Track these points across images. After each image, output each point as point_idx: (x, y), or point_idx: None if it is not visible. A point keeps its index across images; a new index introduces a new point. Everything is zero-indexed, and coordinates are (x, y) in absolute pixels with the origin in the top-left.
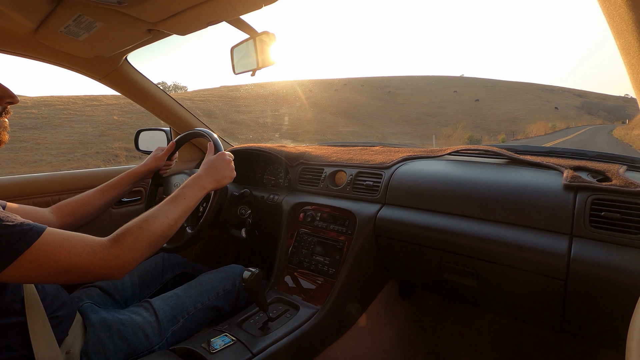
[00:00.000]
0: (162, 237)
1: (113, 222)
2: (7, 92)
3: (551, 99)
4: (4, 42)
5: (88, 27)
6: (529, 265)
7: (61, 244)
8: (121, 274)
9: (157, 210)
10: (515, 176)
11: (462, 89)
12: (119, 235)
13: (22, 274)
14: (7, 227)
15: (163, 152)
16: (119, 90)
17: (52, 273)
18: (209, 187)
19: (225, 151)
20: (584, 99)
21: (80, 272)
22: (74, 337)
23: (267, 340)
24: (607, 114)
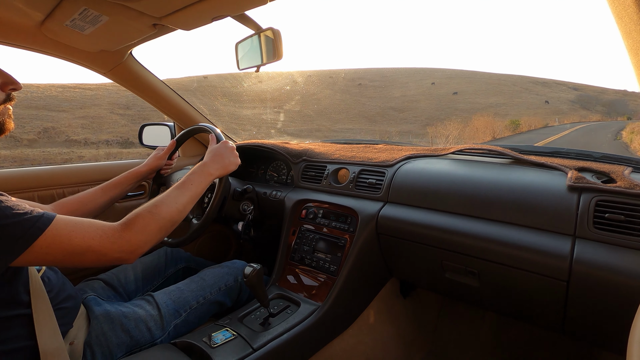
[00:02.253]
0: (171, 222)
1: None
2: (9, 78)
3: (542, 92)
4: (11, 35)
5: (93, 21)
6: (531, 266)
7: (74, 228)
8: (133, 257)
9: (166, 195)
10: (519, 176)
11: (442, 81)
12: (129, 220)
13: (38, 258)
14: (20, 214)
15: (164, 152)
16: (123, 84)
17: (67, 255)
18: (215, 173)
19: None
20: (580, 92)
21: (94, 255)
22: (77, 328)
23: (268, 335)
24: (606, 109)
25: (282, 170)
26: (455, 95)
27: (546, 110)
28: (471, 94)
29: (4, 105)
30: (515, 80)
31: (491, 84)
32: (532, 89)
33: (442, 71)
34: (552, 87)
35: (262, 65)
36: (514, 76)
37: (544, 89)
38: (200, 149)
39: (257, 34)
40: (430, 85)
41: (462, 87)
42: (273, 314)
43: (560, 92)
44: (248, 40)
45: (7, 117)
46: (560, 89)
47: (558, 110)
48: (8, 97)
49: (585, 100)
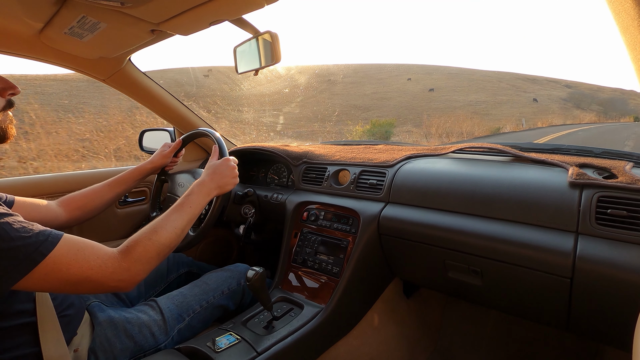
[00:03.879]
0: (170, 247)
1: (119, 222)
2: (8, 83)
3: (531, 89)
4: (9, 44)
5: (92, 28)
6: (534, 264)
7: (75, 257)
8: (130, 286)
9: (165, 220)
10: (520, 174)
11: (420, 77)
12: (129, 247)
13: (35, 284)
14: (24, 238)
15: (169, 150)
16: (123, 90)
17: (64, 284)
18: (213, 193)
19: (229, 156)
20: (573, 90)
21: (90, 284)
22: (81, 335)
23: (272, 339)
24: (602, 108)
25: (283, 172)
26: (432, 92)
27: (533, 109)
28: (449, 90)
29: (5, 112)
30: (503, 76)
31: (474, 80)
32: (520, 86)
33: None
34: (543, 84)
35: (261, 69)
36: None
37: (534, 86)
38: (200, 154)
39: (255, 38)
40: (406, 81)
41: (441, 83)
42: (276, 317)
43: (552, 90)
44: (246, 44)
45: (8, 123)
46: (551, 86)
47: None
48: (8, 102)
49: (579, 99)
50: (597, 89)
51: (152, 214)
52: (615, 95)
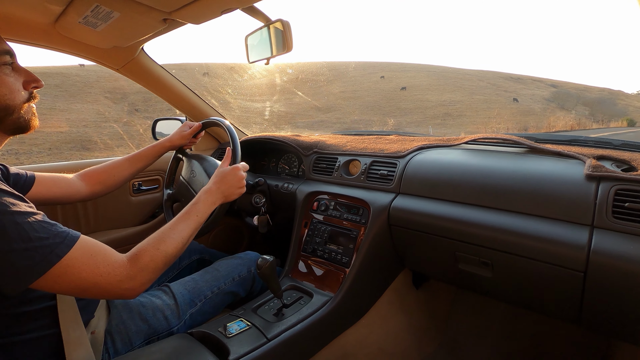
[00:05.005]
0: (175, 256)
1: (132, 209)
2: (31, 76)
3: (513, 88)
4: (26, 34)
5: (105, 17)
6: (546, 257)
7: (87, 261)
8: (134, 295)
9: (172, 229)
10: (535, 165)
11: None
12: (137, 255)
13: (47, 285)
14: (41, 239)
15: (189, 131)
16: (136, 80)
17: (74, 288)
18: (218, 202)
19: (239, 163)
20: (558, 90)
21: (98, 290)
22: (98, 318)
23: (282, 326)
24: (589, 109)
25: (294, 162)
26: (403, 91)
27: (512, 109)
28: (423, 89)
29: (28, 104)
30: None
31: (452, 78)
32: (502, 85)
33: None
34: (527, 83)
35: (272, 57)
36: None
37: (517, 86)
38: (212, 143)
39: (267, 26)
40: (379, 79)
41: (416, 82)
42: (286, 304)
43: (536, 89)
44: (257, 33)
45: (31, 115)
46: (536, 86)
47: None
48: (31, 95)
49: (564, 98)
50: (583, 88)
51: (167, 190)
52: (603, 95)
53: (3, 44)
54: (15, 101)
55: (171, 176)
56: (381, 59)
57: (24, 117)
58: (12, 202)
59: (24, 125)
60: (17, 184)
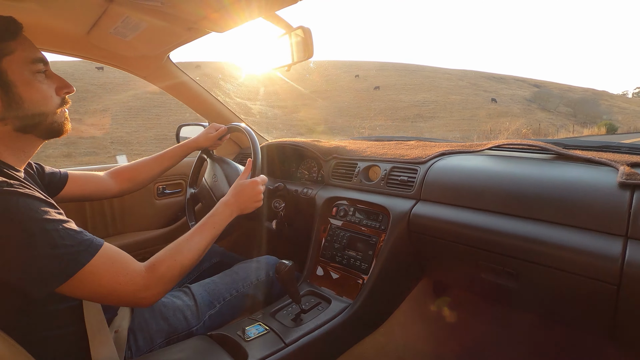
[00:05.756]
0: (191, 266)
1: (157, 212)
2: (63, 82)
3: (494, 88)
4: (61, 44)
5: (135, 27)
6: (576, 268)
7: (108, 269)
8: (149, 304)
9: (189, 240)
10: (563, 172)
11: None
12: (155, 265)
13: (70, 290)
14: (67, 246)
15: (215, 134)
16: (161, 87)
17: (94, 294)
18: (234, 214)
19: (258, 177)
20: (541, 90)
21: (116, 298)
22: (122, 317)
23: (300, 331)
24: (571, 110)
25: (313, 167)
26: (377, 90)
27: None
28: (398, 88)
29: (61, 109)
30: (465, 75)
31: (430, 77)
32: (482, 85)
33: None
34: (510, 83)
35: (293, 64)
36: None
37: (499, 86)
38: (233, 148)
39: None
40: (354, 79)
41: (391, 81)
42: (304, 310)
43: (518, 89)
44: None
45: (64, 119)
46: (518, 86)
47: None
48: (63, 100)
49: (546, 99)
50: (567, 88)
51: (190, 189)
52: (586, 95)
53: (37, 53)
54: (49, 107)
55: (195, 175)
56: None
57: (58, 122)
58: (43, 209)
59: (57, 130)
60: (51, 182)
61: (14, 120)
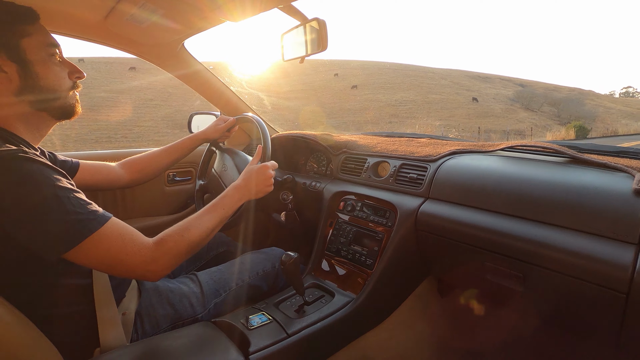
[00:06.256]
0: (199, 245)
1: (167, 198)
2: (75, 67)
3: (477, 87)
4: (79, 29)
5: (150, 14)
6: (585, 274)
7: (116, 239)
8: (156, 278)
9: (198, 219)
10: (577, 176)
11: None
12: (162, 239)
13: (78, 257)
14: (77, 213)
15: (224, 125)
16: (175, 74)
17: (101, 263)
18: (244, 198)
19: (269, 162)
20: (525, 89)
21: (123, 268)
22: (129, 300)
23: (302, 322)
24: (555, 110)
25: (322, 161)
26: (354, 90)
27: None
28: (377, 87)
29: (73, 91)
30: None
31: (412, 76)
32: (466, 84)
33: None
34: (495, 82)
35: (307, 56)
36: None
37: (483, 85)
38: (244, 138)
39: (303, 25)
40: (332, 77)
41: (371, 80)
42: (308, 302)
43: (502, 89)
44: (293, 31)
45: (75, 101)
46: (503, 85)
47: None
48: (74, 84)
49: (529, 99)
50: (553, 88)
51: (199, 181)
52: (572, 95)
53: (50, 38)
54: (62, 87)
55: (204, 167)
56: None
57: (69, 103)
58: (56, 177)
59: (69, 111)
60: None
61: (29, 96)
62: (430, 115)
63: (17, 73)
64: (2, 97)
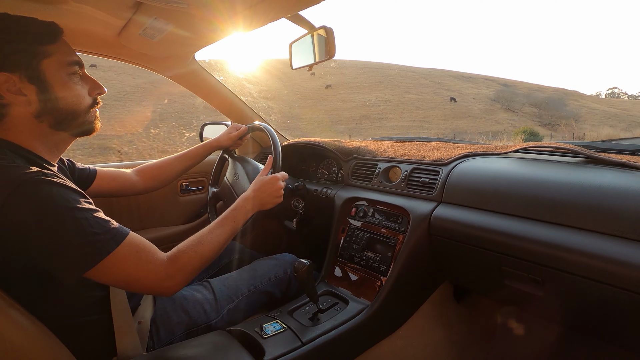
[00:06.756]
0: (210, 259)
1: (180, 208)
2: (96, 84)
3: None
4: (93, 45)
5: (162, 29)
6: (606, 277)
7: (133, 257)
8: (171, 293)
9: (209, 233)
10: (595, 177)
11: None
12: (176, 256)
13: (97, 276)
14: (96, 234)
15: (236, 133)
16: (187, 86)
17: (119, 281)
18: (254, 209)
19: (279, 173)
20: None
21: (139, 285)
22: (144, 308)
23: (317, 331)
24: (537, 110)
25: (333, 167)
26: (328, 89)
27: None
28: (352, 87)
29: (93, 109)
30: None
31: (391, 75)
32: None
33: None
34: (478, 82)
35: (315, 64)
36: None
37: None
38: (254, 147)
39: (310, 33)
40: (308, 77)
41: (347, 79)
42: (322, 310)
43: (484, 89)
44: (301, 40)
45: (95, 118)
46: (486, 85)
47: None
48: (94, 101)
49: (510, 99)
50: (537, 88)
51: (212, 188)
52: (555, 95)
53: (74, 56)
54: (82, 106)
55: (217, 175)
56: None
57: (89, 121)
58: (75, 198)
59: (88, 128)
60: (81, 177)
61: (49, 118)
62: (403, 117)
63: (36, 96)
64: (22, 120)
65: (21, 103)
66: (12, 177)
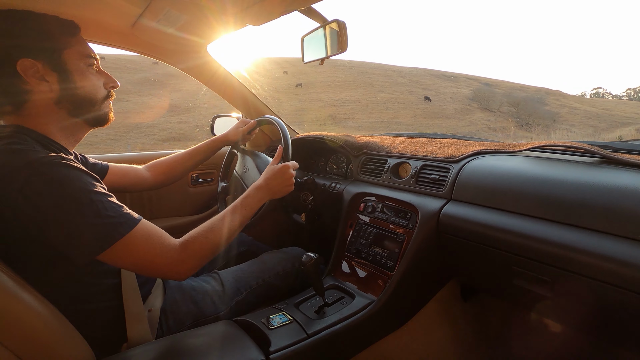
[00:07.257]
0: (222, 245)
1: (190, 199)
2: (110, 78)
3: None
4: (107, 37)
5: (175, 21)
6: (618, 280)
7: (145, 242)
8: (183, 277)
9: (221, 220)
10: (610, 177)
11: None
12: (188, 241)
13: (110, 259)
14: (110, 217)
15: (244, 128)
16: (198, 78)
17: (131, 264)
18: (266, 198)
19: (289, 162)
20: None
21: (151, 269)
22: (155, 297)
23: (322, 323)
24: (515, 110)
25: (342, 162)
26: (298, 88)
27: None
28: (323, 86)
29: (107, 100)
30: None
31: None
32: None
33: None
34: (459, 81)
35: (327, 58)
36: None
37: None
38: (265, 140)
39: (323, 27)
40: (281, 75)
41: (320, 78)
42: (328, 303)
43: (463, 88)
44: (313, 33)
45: (109, 109)
46: (467, 84)
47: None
48: (109, 93)
49: (488, 98)
50: (519, 87)
51: (221, 183)
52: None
53: (88, 49)
54: (98, 96)
55: (226, 170)
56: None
57: (103, 111)
58: (91, 182)
59: (103, 118)
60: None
61: (67, 105)
62: (371, 117)
63: (57, 82)
64: (42, 106)
65: (43, 89)
66: (31, 159)
